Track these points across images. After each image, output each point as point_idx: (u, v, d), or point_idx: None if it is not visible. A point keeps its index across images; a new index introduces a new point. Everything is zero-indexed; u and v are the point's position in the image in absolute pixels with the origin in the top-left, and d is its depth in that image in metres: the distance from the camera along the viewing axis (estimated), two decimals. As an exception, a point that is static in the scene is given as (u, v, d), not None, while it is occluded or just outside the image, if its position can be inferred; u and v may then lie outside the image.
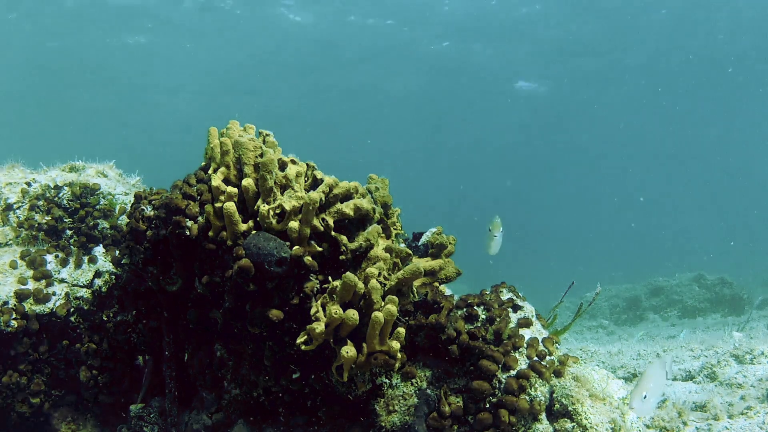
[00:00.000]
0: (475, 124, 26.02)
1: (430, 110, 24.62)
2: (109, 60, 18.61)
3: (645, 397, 1.99)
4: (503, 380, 2.28)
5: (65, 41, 17.36)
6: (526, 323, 2.48)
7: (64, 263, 3.13)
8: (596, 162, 33.77)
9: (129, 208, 2.94)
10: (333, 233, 2.36)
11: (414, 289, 2.43)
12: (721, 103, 22.83)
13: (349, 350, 2.12)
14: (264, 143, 2.57)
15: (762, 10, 15.67)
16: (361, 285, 2.15)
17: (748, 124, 25.91)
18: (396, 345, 2.16)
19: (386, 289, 2.30)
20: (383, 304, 2.16)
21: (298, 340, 2.20)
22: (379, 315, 2.07)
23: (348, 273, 2.12)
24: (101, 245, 3.30)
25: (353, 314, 2.12)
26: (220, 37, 17.40)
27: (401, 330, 2.20)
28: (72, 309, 2.99)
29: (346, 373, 2.16)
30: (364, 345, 2.16)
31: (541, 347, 2.41)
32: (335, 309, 2.12)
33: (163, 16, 15.91)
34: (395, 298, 2.15)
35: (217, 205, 2.36)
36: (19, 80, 20.31)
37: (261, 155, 2.42)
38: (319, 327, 2.13)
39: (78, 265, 3.15)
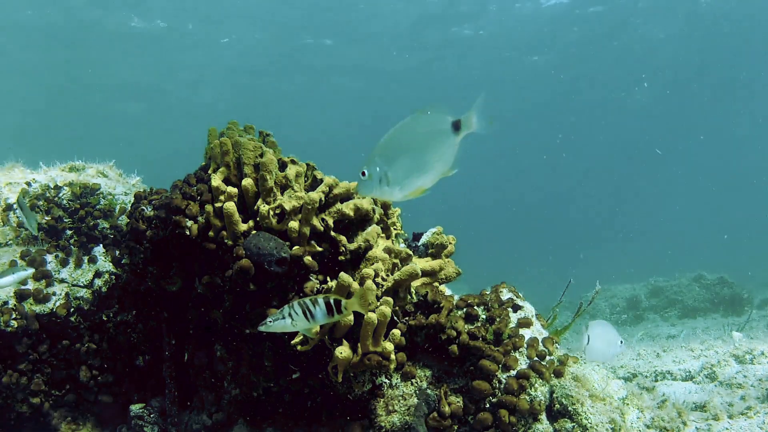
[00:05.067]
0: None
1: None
2: (109, 59, 18.60)
3: None
4: (503, 380, 2.28)
5: (65, 40, 17.34)
6: (526, 323, 2.48)
7: (64, 263, 3.13)
8: (596, 161, 33.79)
9: (129, 208, 2.94)
10: (333, 233, 2.36)
11: (412, 289, 2.43)
12: (720, 101, 22.82)
13: (343, 351, 2.11)
14: (264, 143, 2.57)
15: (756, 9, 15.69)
16: (355, 285, 2.14)
17: (748, 124, 25.90)
18: (390, 346, 2.15)
19: (383, 290, 2.29)
20: (377, 305, 2.16)
21: (294, 341, 2.20)
22: (372, 316, 2.06)
23: (342, 273, 2.12)
24: (101, 245, 3.30)
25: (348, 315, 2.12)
26: (220, 33, 17.35)
27: (396, 331, 2.20)
28: (72, 309, 2.99)
29: (340, 374, 2.16)
30: (359, 345, 2.16)
31: (541, 347, 2.41)
32: (329, 309, 2.11)
33: (164, 10, 15.86)
34: (390, 299, 2.14)
35: (217, 205, 2.36)
36: (19, 80, 20.30)
37: (261, 155, 2.43)
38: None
39: (78, 265, 3.15)
